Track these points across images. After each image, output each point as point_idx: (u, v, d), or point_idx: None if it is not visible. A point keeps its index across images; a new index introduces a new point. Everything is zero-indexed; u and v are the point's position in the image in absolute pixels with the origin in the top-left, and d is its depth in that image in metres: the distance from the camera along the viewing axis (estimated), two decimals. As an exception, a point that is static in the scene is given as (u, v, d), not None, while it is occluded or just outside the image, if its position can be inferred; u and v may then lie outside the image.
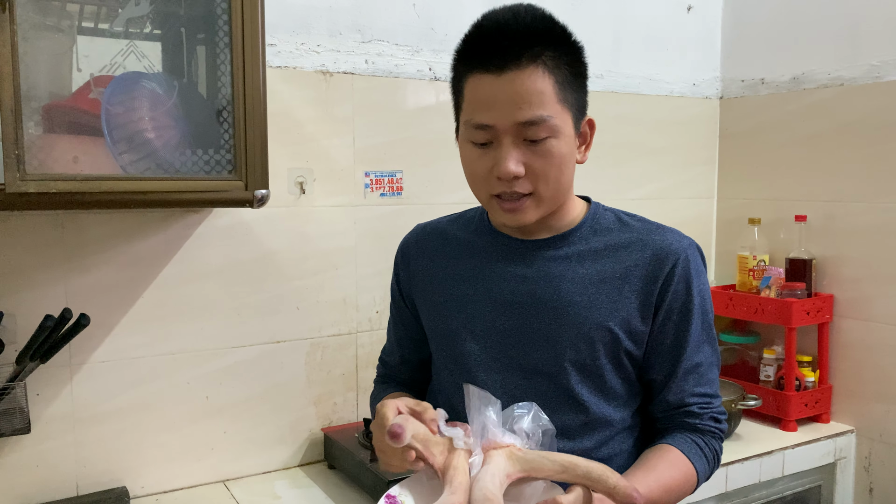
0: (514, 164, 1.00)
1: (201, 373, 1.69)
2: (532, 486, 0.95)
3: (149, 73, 1.31)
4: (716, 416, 1.13)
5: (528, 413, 0.97)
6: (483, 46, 1.00)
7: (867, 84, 2.02)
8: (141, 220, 1.59)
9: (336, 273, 1.83)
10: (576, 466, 0.91)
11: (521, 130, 0.99)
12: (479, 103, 1.01)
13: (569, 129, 1.03)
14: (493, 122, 1.00)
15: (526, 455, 0.93)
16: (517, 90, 0.98)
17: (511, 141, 1.00)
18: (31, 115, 1.17)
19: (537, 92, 0.98)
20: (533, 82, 0.98)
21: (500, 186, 1.03)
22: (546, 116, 0.99)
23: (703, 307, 1.11)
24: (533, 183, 1.02)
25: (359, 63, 1.83)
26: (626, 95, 2.24)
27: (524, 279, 1.11)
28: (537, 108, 0.98)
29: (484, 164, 1.03)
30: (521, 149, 1.00)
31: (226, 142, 1.34)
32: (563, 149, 1.02)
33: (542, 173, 1.01)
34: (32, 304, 1.49)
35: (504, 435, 0.95)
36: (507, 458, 0.92)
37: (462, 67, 1.04)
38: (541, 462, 0.92)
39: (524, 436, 0.96)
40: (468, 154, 1.06)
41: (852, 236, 2.07)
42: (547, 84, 0.99)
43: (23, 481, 1.52)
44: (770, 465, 1.92)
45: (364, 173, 1.85)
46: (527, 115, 0.98)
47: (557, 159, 1.02)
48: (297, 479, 1.75)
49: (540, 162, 1.01)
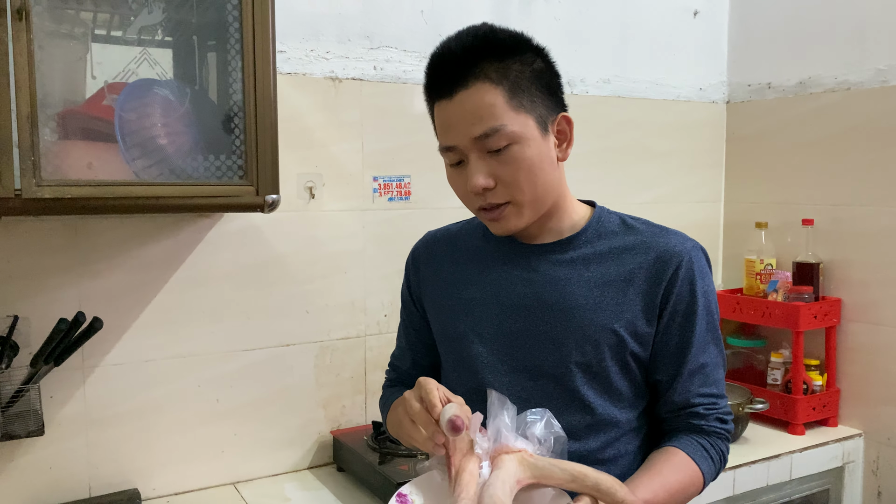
0: (482, 178, 1.03)
1: (212, 375, 1.71)
2: (541, 492, 0.96)
3: (161, 79, 1.33)
4: (721, 416, 1.13)
5: (542, 419, 0.97)
6: (434, 75, 1.07)
7: (874, 88, 2.03)
8: (152, 224, 1.61)
9: (345, 277, 1.85)
10: (585, 477, 0.91)
11: (481, 144, 1.03)
12: (442, 128, 1.07)
13: (532, 133, 1.04)
14: (454, 143, 1.05)
15: (537, 462, 0.94)
16: (467, 108, 1.02)
17: (476, 156, 1.04)
18: (47, 121, 1.19)
19: (487, 105, 1.02)
20: (481, 98, 1.02)
21: (478, 200, 1.07)
22: (499, 126, 1.02)
23: (707, 308, 1.12)
24: (506, 191, 1.05)
25: (367, 69, 1.85)
26: (632, 100, 2.25)
27: (530, 283, 1.12)
28: (489, 120, 1.02)
29: (461, 182, 1.08)
30: (487, 161, 1.04)
31: (237, 147, 1.36)
32: (529, 153, 1.04)
33: (513, 180, 1.04)
34: (46, 307, 1.51)
35: (517, 440, 0.95)
36: (518, 464, 0.93)
37: (427, 97, 1.10)
38: (551, 470, 0.93)
39: (536, 442, 0.96)
40: (449, 175, 1.11)
41: (860, 240, 2.07)
42: (496, 96, 1.02)
43: (36, 483, 1.54)
44: (778, 469, 1.92)
45: (372, 178, 1.87)
46: (479, 129, 1.02)
47: (525, 163, 1.04)
48: (306, 481, 1.76)
49: (507, 170, 1.04)
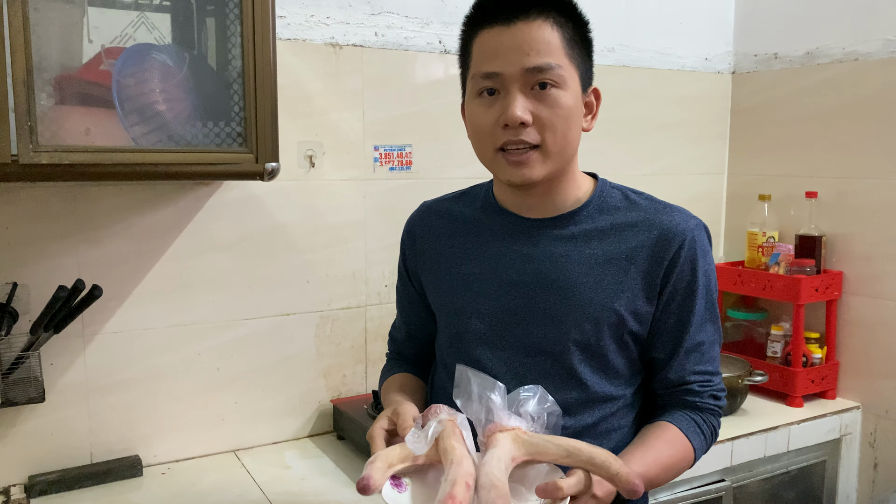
0: (521, 109, 1.00)
1: (212, 344, 1.71)
2: (536, 468, 0.96)
3: (159, 44, 1.31)
4: (715, 393, 1.14)
5: (535, 396, 0.98)
6: (493, 2, 1.03)
7: (882, 59, 2.00)
8: (152, 192, 1.60)
9: (346, 247, 1.84)
10: (579, 452, 0.92)
11: (529, 77, 1.01)
12: (487, 54, 1.03)
13: (575, 85, 1.04)
14: (500, 70, 1.01)
15: (531, 439, 0.94)
16: (525, 38, 1.00)
17: (518, 88, 1.01)
18: (43, 86, 1.17)
19: (545, 41, 1.00)
20: (541, 33, 1.00)
21: (506, 136, 1.02)
22: (554, 64, 1.00)
23: (707, 287, 1.11)
24: (540, 133, 1.02)
25: (368, 36, 1.82)
26: (638, 70, 2.23)
27: (530, 258, 1.11)
28: (545, 55, 1.00)
29: (490, 115, 1.03)
30: (528, 98, 1.01)
31: (236, 114, 1.35)
32: (570, 101, 1.03)
33: (549, 123, 1.02)
34: (45, 275, 1.51)
35: (510, 418, 0.96)
36: (512, 442, 0.93)
37: (471, 28, 1.06)
38: (545, 446, 0.93)
39: (529, 419, 0.96)
40: (474, 110, 1.06)
41: (863, 213, 2.06)
42: (554, 36, 1.01)
43: (38, 449, 1.55)
44: (775, 441, 1.93)
45: (373, 147, 1.85)
46: (534, 60, 1.00)
47: (564, 110, 1.02)
48: (306, 449, 1.77)
49: (547, 111, 1.01)
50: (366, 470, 0.90)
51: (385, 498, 0.91)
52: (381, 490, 0.90)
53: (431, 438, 0.95)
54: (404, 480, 0.96)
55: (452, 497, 0.84)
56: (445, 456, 0.92)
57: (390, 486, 0.93)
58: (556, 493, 0.90)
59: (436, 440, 0.95)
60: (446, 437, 0.94)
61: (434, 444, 0.95)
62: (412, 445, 0.94)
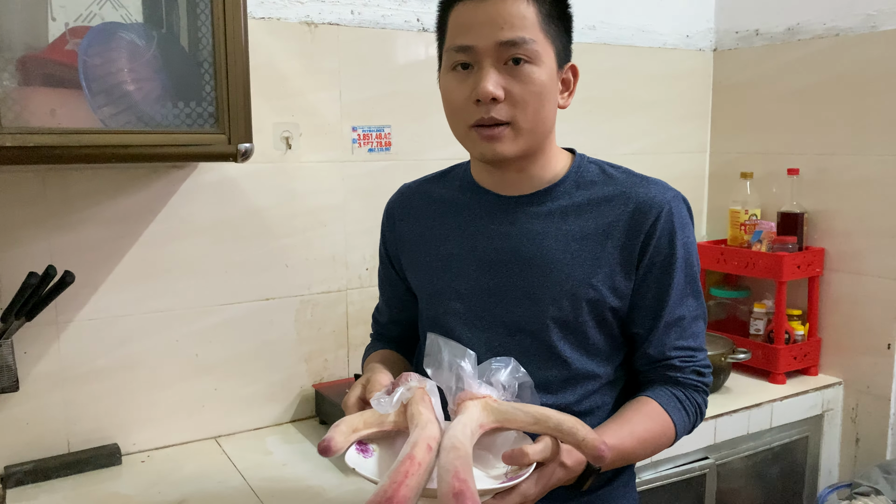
0: (492, 84, 0.99)
1: (190, 330, 1.68)
2: (503, 436, 0.97)
3: (126, 23, 1.27)
4: (699, 369, 1.12)
5: (506, 367, 0.97)
6: None
7: (863, 34, 1.99)
8: (125, 176, 1.57)
9: (325, 230, 1.82)
10: (547, 419, 0.91)
11: (502, 52, 0.99)
12: (461, 27, 1.02)
13: (550, 62, 1.02)
14: (473, 43, 1.00)
15: (500, 406, 0.94)
16: (500, 12, 0.99)
17: (491, 63, 1.00)
18: (5, 66, 1.13)
19: (519, 15, 0.99)
20: (516, 7, 0.99)
21: (478, 112, 1.01)
22: (527, 38, 0.99)
23: (687, 260, 1.09)
24: (511, 109, 1.01)
25: (344, 14, 1.79)
26: (618, 48, 2.20)
27: (507, 237, 1.09)
28: (519, 29, 0.99)
29: (463, 90, 1.02)
30: (501, 73, 1.00)
31: (207, 94, 1.31)
32: (544, 77, 1.01)
33: (521, 99, 1.00)
34: (16, 261, 1.48)
35: (480, 386, 0.96)
36: (481, 409, 0.93)
37: (448, 1, 1.05)
38: (514, 413, 0.93)
39: (500, 388, 0.96)
40: (448, 84, 1.05)
41: (845, 190, 2.06)
42: (530, 11, 1.00)
43: (14, 439, 1.53)
44: (758, 418, 1.94)
45: (351, 128, 1.82)
46: (507, 34, 0.98)
47: (538, 87, 1.01)
48: (288, 434, 1.75)
49: (519, 87, 1.00)
50: (328, 432, 0.90)
51: (349, 462, 0.90)
52: (346, 454, 0.90)
53: (397, 402, 0.94)
54: (371, 446, 0.96)
55: (412, 457, 0.84)
56: (412, 421, 0.92)
57: (356, 450, 0.93)
58: (522, 458, 0.89)
59: (404, 407, 0.95)
60: (414, 403, 0.94)
61: (402, 410, 0.95)
62: (377, 406, 0.94)
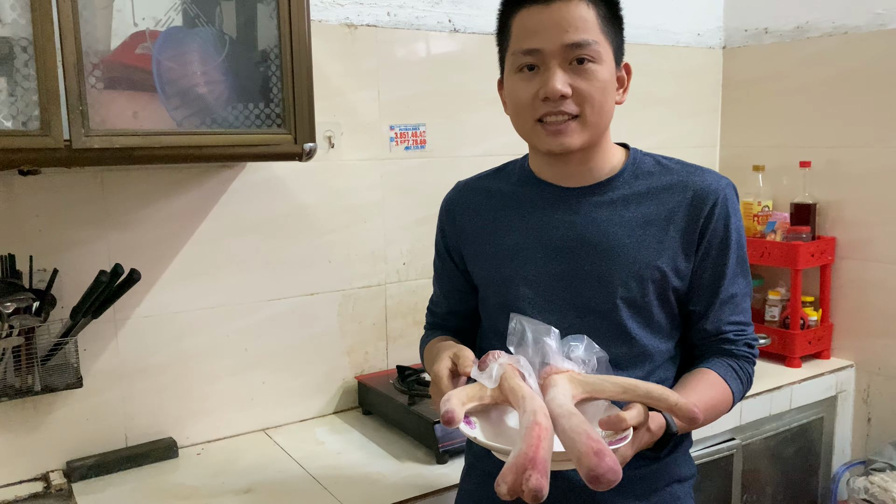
0: (561, 83, 1.07)
1: (240, 326, 1.72)
2: (594, 405, 1.01)
3: (198, 27, 1.31)
4: (749, 342, 1.21)
5: (582, 344, 1.03)
6: None
7: (871, 32, 2.08)
8: (177, 176, 1.60)
9: (364, 226, 1.87)
10: (636, 387, 0.96)
11: (568, 53, 1.07)
12: (526, 32, 1.09)
13: (610, 60, 1.10)
14: (540, 46, 1.07)
15: (587, 378, 0.99)
16: (564, 16, 1.06)
17: (557, 63, 1.07)
18: (92, 70, 1.17)
19: (582, 18, 1.06)
20: (578, 11, 1.07)
21: (545, 108, 1.08)
22: (591, 40, 1.07)
23: (738, 242, 1.18)
24: (579, 104, 1.08)
25: (381, 15, 1.84)
26: (636, 46, 2.27)
27: (572, 225, 1.16)
28: (583, 32, 1.06)
29: (530, 89, 1.09)
30: (567, 72, 1.08)
31: (274, 95, 1.36)
32: (606, 75, 1.09)
33: (588, 94, 1.08)
34: (76, 261, 1.51)
35: (564, 362, 1.00)
36: (569, 382, 0.98)
37: (510, 8, 1.12)
38: (602, 384, 0.98)
39: (580, 362, 1.02)
40: (514, 85, 1.12)
41: (855, 181, 2.16)
42: (591, 14, 1.07)
43: (74, 434, 1.56)
44: (779, 400, 2.03)
45: (389, 127, 1.87)
46: (573, 37, 1.06)
47: (601, 83, 1.09)
48: (334, 425, 1.80)
49: (585, 84, 1.08)
50: (445, 405, 0.94)
51: (466, 432, 0.95)
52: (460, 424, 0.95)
53: (497, 376, 0.99)
54: (472, 419, 1.00)
55: (538, 423, 0.88)
56: (514, 394, 0.95)
57: (463, 422, 0.97)
58: (621, 423, 0.94)
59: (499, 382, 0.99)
60: (510, 378, 0.98)
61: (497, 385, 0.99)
62: (482, 380, 0.98)
